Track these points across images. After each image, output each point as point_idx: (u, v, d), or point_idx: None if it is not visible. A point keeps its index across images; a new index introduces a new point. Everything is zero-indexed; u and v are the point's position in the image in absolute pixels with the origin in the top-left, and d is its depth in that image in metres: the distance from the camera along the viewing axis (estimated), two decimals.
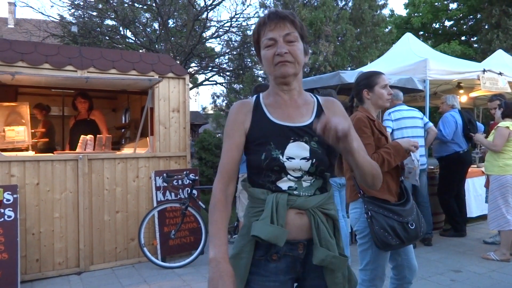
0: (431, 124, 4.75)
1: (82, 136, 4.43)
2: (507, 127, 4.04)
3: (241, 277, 1.25)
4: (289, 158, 1.26)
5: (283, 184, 1.26)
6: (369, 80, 2.34)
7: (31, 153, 4.19)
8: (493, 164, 4.13)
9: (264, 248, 1.27)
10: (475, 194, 5.62)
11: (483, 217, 5.30)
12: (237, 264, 1.26)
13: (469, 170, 5.46)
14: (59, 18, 10.63)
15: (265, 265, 1.26)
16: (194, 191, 4.33)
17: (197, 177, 4.38)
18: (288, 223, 1.23)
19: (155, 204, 4.25)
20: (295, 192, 1.26)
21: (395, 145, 2.24)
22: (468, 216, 5.31)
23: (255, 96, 1.41)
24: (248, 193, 1.35)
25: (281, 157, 1.25)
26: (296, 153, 1.27)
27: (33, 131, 4.98)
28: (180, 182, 4.38)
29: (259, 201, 1.28)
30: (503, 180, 4.06)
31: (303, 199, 1.25)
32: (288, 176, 1.26)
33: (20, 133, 4.31)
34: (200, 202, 4.36)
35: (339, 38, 11.33)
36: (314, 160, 1.28)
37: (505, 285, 3.45)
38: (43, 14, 19.38)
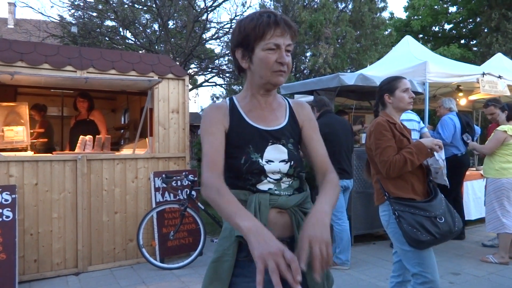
0: (426, 130, 4.77)
1: (81, 136, 4.43)
2: (505, 131, 4.05)
3: (224, 280, 1.24)
4: (268, 161, 1.28)
5: (263, 186, 1.27)
6: (390, 85, 2.41)
7: (29, 153, 4.18)
8: (490, 167, 4.15)
9: (247, 248, 1.18)
10: (474, 197, 5.63)
11: (482, 220, 5.30)
12: (220, 267, 1.25)
13: (468, 173, 5.47)
14: (59, 19, 10.63)
15: (248, 266, 1.22)
16: (193, 192, 4.33)
17: (196, 178, 4.37)
18: (271, 221, 1.24)
19: (154, 205, 4.24)
20: (276, 192, 1.28)
21: (417, 144, 2.28)
22: (467, 219, 5.31)
23: (227, 99, 1.40)
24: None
25: (260, 160, 1.27)
26: (275, 156, 1.29)
27: (31, 131, 4.98)
28: (179, 183, 4.37)
29: (240, 202, 1.23)
30: (498, 184, 4.07)
31: (284, 198, 1.27)
32: (268, 178, 1.27)
33: (19, 133, 4.30)
34: (199, 203, 4.35)
35: (339, 40, 11.35)
36: (292, 162, 1.30)
37: None
38: (43, 14, 19.37)
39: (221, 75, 12.58)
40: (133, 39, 11.04)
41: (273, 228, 1.22)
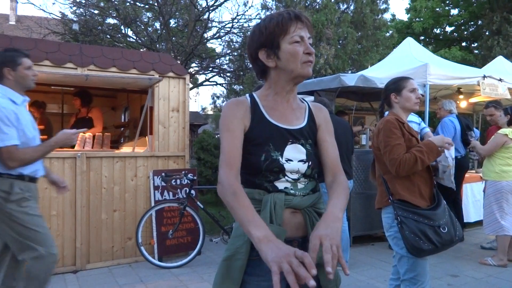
0: (427, 130, 4.75)
1: (80, 134, 4.41)
2: (506, 135, 4.04)
3: (236, 279, 1.24)
4: (288, 160, 1.29)
5: (280, 184, 1.28)
6: (397, 85, 2.38)
7: None
8: (489, 169, 4.15)
9: None
10: (473, 200, 5.63)
11: (481, 223, 5.29)
12: (232, 265, 1.25)
13: (468, 175, 5.47)
14: (60, 16, 10.62)
15: (260, 265, 1.21)
16: (193, 191, 4.32)
17: (195, 177, 4.37)
18: (284, 222, 1.26)
19: (153, 204, 4.24)
20: (291, 192, 1.28)
21: (427, 143, 2.26)
22: (466, 221, 5.31)
23: (248, 96, 1.39)
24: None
25: (280, 158, 1.27)
26: (294, 155, 1.30)
27: None
28: (178, 182, 4.37)
29: (254, 201, 1.26)
30: (498, 186, 4.06)
31: (299, 199, 1.28)
32: (286, 177, 1.28)
33: None
34: (198, 202, 4.34)
35: (340, 41, 11.35)
36: (310, 162, 1.32)
37: None
38: (44, 11, 19.34)
39: (222, 75, 12.58)
40: (135, 37, 11.04)
41: (286, 228, 1.24)
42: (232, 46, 11.92)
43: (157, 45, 10.71)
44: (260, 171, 1.27)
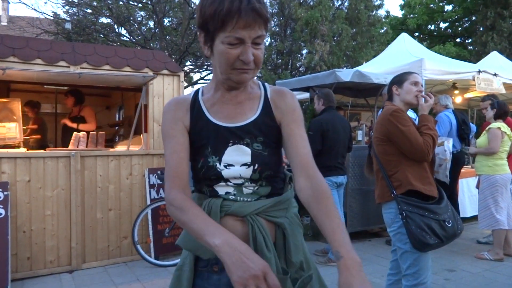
0: None
1: (74, 133, 4.38)
2: (499, 128, 4.05)
3: None
4: (228, 165, 1.10)
5: (221, 189, 1.12)
6: (400, 77, 2.36)
7: (22, 150, 4.13)
8: (483, 164, 4.15)
9: (206, 258, 1.14)
10: (469, 195, 5.64)
11: (477, 217, 5.31)
12: (181, 276, 1.16)
13: (463, 170, 5.48)
14: (53, 15, 10.54)
15: (208, 277, 1.13)
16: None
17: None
18: None
19: (148, 202, 4.21)
20: (231, 197, 1.11)
21: (423, 118, 2.27)
22: (462, 216, 5.32)
23: (193, 92, 1.22)
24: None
25: (218, 164, 1.10)
26: (235, 159, 1.11)
27: (24, 127, 4.93)
28: None
29: None
30: (492, 180, 4.07)
31: (240, 204, 1.10)
32: (228, 182, 1.12)
33: (11, 129, 4.26)
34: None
35: (335, 38, 11.34)
36: (256, 165, 1.11)
37: (498, 284, 3.45)
38: (36, 11, 19.22)
39: None
40: (128, 36, 10.97)
41: None
42: None
43: (151, 44, 10.65)
44: (199, 178, 1.14)
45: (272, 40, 12.80)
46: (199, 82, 13.56)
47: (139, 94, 4.52)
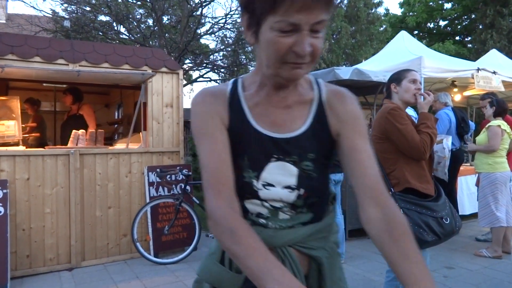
0: None
1: (73, 131, 4.38)
2: (499, 126, 4.05)
3: None
4: (267, 185, 0.91)
5: (252, 207, 0.93)
6: (398, 75, 2.36)
7: (21, 148, 4.13)
8: (482, 162, 4.16)
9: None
10: (468, 192, 5.65)
11: (475, 215, 5.32)
12: None
13: (462, 168, 5.49)
14: (51, 13, 10.51)
15: None
16: (188, 187, 4.30)
17: (190, 173, 4.34)
18: None
19: (148, 200, 4.21)
20: (261, 221, 0.93)
21: (423, 116, 2.28)
22: (460, 214, 5.33)
23: (231, 82, 0.99)
24: None
25: (255, 182, 0.91)
26: (277, 179, 0.91)
27: (23, 125, 4.92)
28: (173, 177, 4.34)
29: None
30: (492, 178, 4.08)
31: (272, 232, 0.91)
32: (264, 202, 0.93)
33: (10, 127, 4.25)
34: (194, 198, 4.32)
35: (334, 36, 11.33)
36: (302, 190, 0.92)
37: (497, 281, 3.46)
38: (35, 8, 19.13)
39: (215, 70, 12.53)
40: (127, 34, 10.95)
41: None
42: (226, 42, 11.86)
43: (150, 42, 10.63)
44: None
45: None
46: (198, 80, 13.55)
47: (138, 92, 4.52)
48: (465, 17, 17.60)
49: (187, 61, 12.17)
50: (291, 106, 0.94)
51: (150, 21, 11.81)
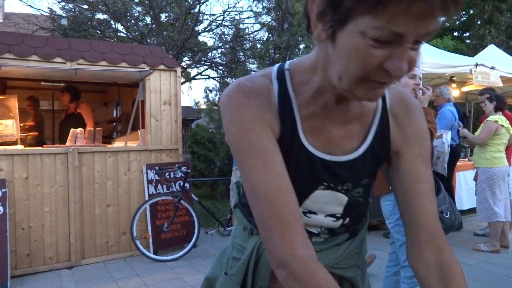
0: None
1: (71, 129, 4.38)
2: (496, 121, 4.06)
3: None
4: (309, 212, 0.78)
5: None
6: None
7: (20, 147, 4.13)
8: (480, 156, 4.17)
9: None
10: (466, 187, 5.67)
11: (474, 210, 5.34)
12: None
13: (460, 163, 5.50)
14: (48, 12, 10.48)
15: None
16: (187, 184, 4.30)
17: (189, 170, 4.35)
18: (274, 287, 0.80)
19: (147, 198, 4.22)
20: None
21: (423, 110, 2.25)
22: (459, 208, 5.34)
23: (274, 76, 0.75)
24: (236, 218, 0.94)
25: None
26: (323, 208, 0.78)
27: (22, 124, 4.92)
28: (172, 175, 4.35)
29: (240, 247, 0.88)
30: (490, 173, 4.09)
31: None
32: None
33: (8, 126, 4.25)
34: (193, 195, 4.33)
35: None
36: (348, 219, 0.81)
37: (495, 276, 3.48)
38: (32, 7, 19.11)
39: (214, 68, 12.52)
40: (125, 32, 10.93)
41: None
42: (224, 39, 11.84)
43: (148, 40, 10.61)
44: None
45: (269, 35, 12.77)
46: (196, 77, 13.55)
47: (136, 90, 4.52)
48: (464, 12, 17.59)
49: (185, 58, 12.15)
50: (351, 121, 0.75)
51: (148, 19, 11.78)
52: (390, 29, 0.54)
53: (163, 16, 11.43)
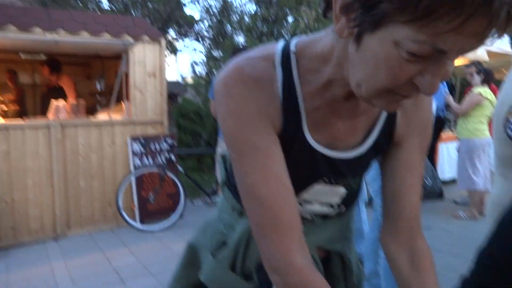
0: None
1: (52, 101, 4.31)
2: (480, 94, 4.11)
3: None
4: (305, 201, 0.76)
5: None
6: None
7: (1, 121, 4.06)
8: (463, 127, 4.25)
9: None
10: (448, 158, 5.79)
11: (455, 180, 5.48)
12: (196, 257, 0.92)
13: (445, 135, 5.60)
14: None
15: None
16: (172, 156, 4.31)
17: (174, 142, 4.34)
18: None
19: (132, 170, 4.22)
20: None
21: None
22: (441, 178, 5.47)
23: (278, 61, 0.66)
24: (223, 194, 0.91)
25: None
26: (319, 198, 0.76)
27: (1, 98, 4.83)
28: (157, 147, 4.34)
29: (227, 223, 0.86)
30: (471, 143, 4.18)
31: None
32: None
33: None
34: (179, 167, 4.35)
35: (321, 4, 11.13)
36: (343, 207, 0.80)
37: (472, 241, 3.61)
38: None
39: (200, 41, 12.30)
40: (108, 4, 10.61)
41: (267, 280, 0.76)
42: (211, 12, 11.59)
43: (133, 12, 10.33)
44: None
45: (257, 8, 12.53)
46: (182, 50, 13.31)
47: (120, 63, 4.44)
48: None
49: (171, 31, 11.90)
50: (358, 116, 0.69)
51: None
52: (433, 45, 0.46)
53: None
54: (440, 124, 5.12)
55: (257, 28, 12.60)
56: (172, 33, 11.90)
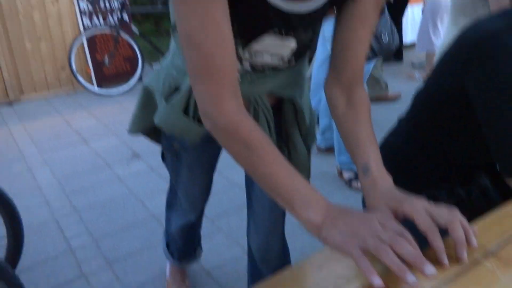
0: None
1: None
2: None
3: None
4: (256, 52, 0.75)
5: None
6: None
7: None
8: None
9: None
10: (412, 21, 5.74)
11: (415, 45, 5.54)
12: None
13: None
14: None
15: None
16: (125, 16, 3.98)
17: (126, 0, 3.96)
18: None
19: (82, 31, 3.90)
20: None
21: None
22: (403, 42, 5.49)
23: None
24: (174, 40, 0.89)
25: (240, 49, 0.74)
26: (270, 50, 0.75)
27: None
28: (107, 4, 3.95)
29: (179, 68, 0.85)
30: (436, 3, 4.10)
31: (247, 85, 0.80)
32: (243, 66, 0.79)
33: None
34: (133, 27, 4.06)
35: None
36: (293, 60, 0.80)
37: None
38: None
39: None
40: None
41: None
42: None
43: None
44: None
45: None
46: None
47: None
48: None
49: None
50: None
51: None
52: None
53: None
54: None
55: None
56: None
